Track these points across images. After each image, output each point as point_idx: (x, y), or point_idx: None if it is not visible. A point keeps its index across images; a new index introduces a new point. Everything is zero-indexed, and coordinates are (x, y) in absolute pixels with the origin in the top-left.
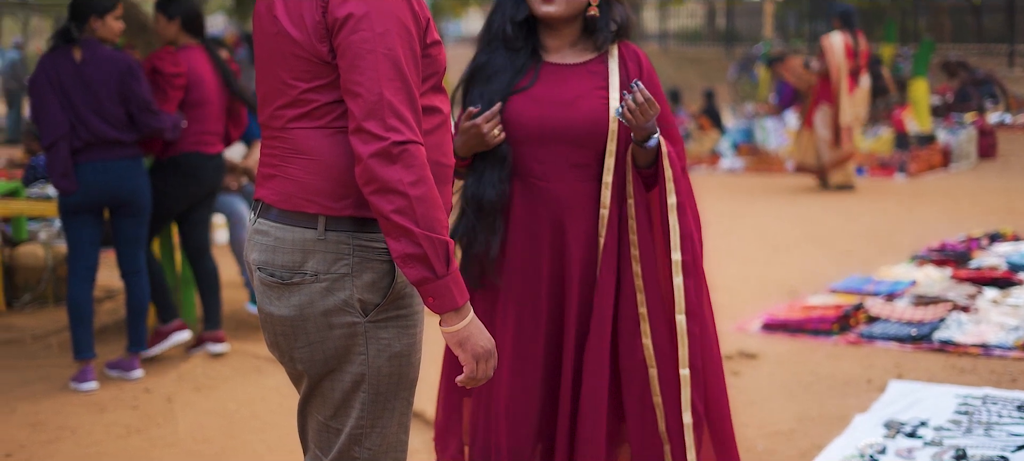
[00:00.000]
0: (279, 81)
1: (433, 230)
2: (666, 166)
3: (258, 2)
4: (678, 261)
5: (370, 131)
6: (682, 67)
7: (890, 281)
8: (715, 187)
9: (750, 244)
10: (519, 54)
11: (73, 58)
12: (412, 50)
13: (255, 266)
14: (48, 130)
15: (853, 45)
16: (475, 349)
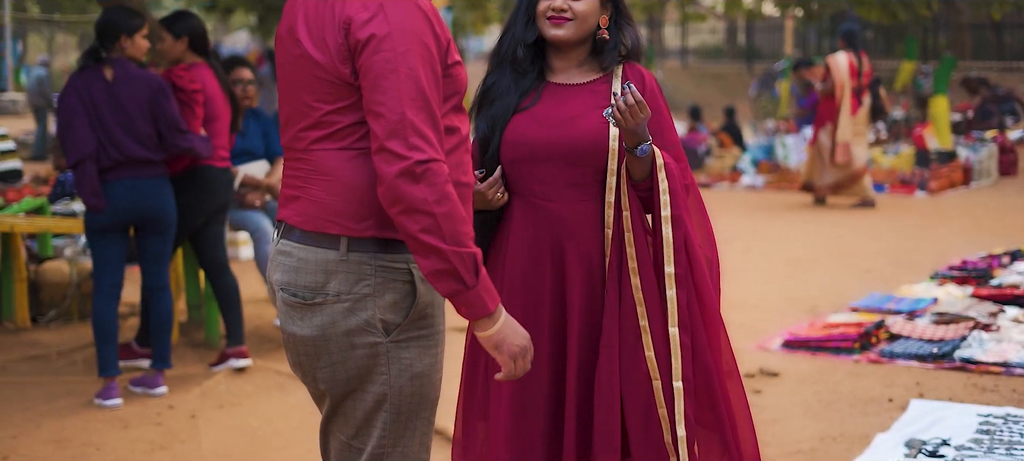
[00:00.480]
0: (302, 103)
1: (460, 244)
2: (661, 178)
3: (280, 25)
4: (671, 274)
5: (393, 151)
6: (703, 84)
7: (911, 299)
8: (736, 204)
9: (771, 261)
10: (525, 76)
11: (104, 77)
12: (433, 70)
13: (278, 286)
14: (75, 149)
15: (857, 64)
16: (511, 349)
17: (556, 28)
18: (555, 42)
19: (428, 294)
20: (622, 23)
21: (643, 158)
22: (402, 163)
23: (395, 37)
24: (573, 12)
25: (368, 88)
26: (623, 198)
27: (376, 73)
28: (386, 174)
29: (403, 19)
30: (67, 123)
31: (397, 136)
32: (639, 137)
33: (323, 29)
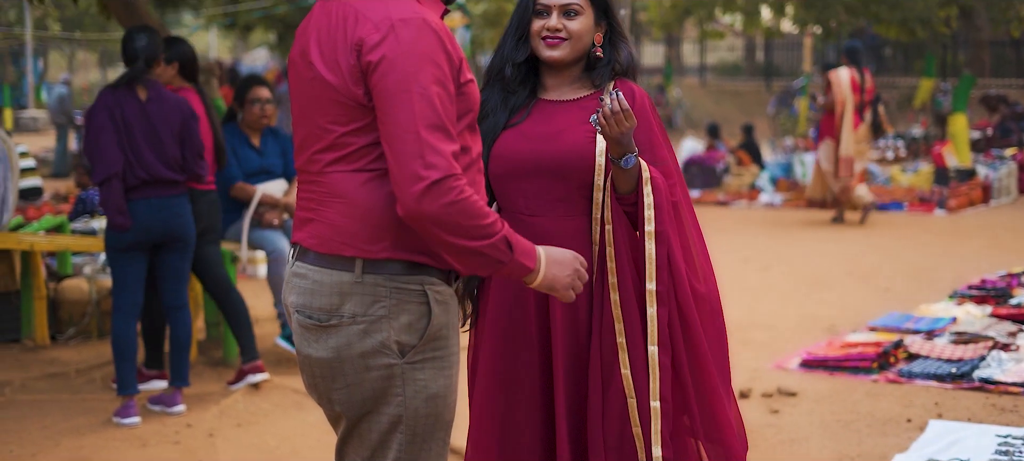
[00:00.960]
0: (316, 126)
1: (487, 237)
2: (646, 191)
3: (292, 50)
4: (652, 291)
5: (411, 172)
6: (721, 101)
7: (930, 318)
8: (754, 222)
9: (789, 280)
10: (515, 93)
11: (138, 97)
12: (446, 88)
13: (293, 309)
14: (103, 166)
15: (859, 80)
16: (563, 283)
17: (551, 49)
18: (550, 63)
19: (442, 315)
20: (616, 40)
21: (628, 170)
22: (421, 183)
23: (407, 58)
24: (568, 32)
25: (382, 110)
26: (607, 212)
27: (389, 95)
28: (406, 195)
29: (414, 39)
30: (95, 140)
31: (414, 157)
32: (624, 147)
33: (336, 51)
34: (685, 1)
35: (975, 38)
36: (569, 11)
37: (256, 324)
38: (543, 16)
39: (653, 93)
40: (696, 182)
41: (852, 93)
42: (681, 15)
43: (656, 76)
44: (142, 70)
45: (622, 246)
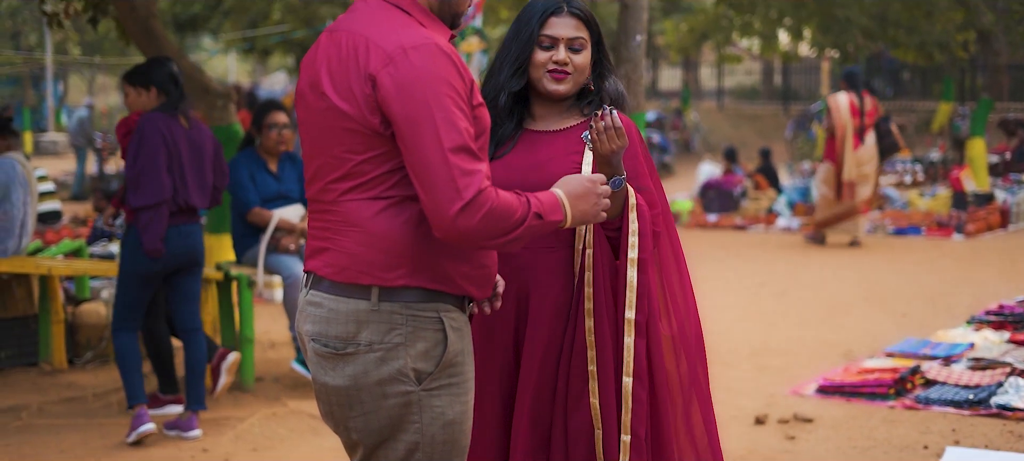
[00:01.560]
0: (331, 156)
1: (520, 224)
2: (631, 218)
3: (300, 82)
4: (631, 319)
5: (444, 196)
6: (739, 125)
7: (947, 344)
8: (771, 247)
9: (806, 305)
10: (504, 125)
11: (181, 124)
12: (463, 110)
13: (309, 337)
14: (154, 191)
15: (858, 104)
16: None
17: (557, 83)
18: (553, 97)
19: (458, 342)
20: (604, 72)
21: (615, 193)
22: (456, 205)
23: (423, 83)
24: (573, 66)
25: (404, 138)
26: (589, 235)
27: (410, 122)
28: (442, 219)
29: (428, 64)
30: (150, 163)
31: (446, 183)
32: (613, 168)
33: (349, 81)
34: (702, 25)
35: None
36: (575, 45)
37: (272, 348)
38: (549, 49)
39: (671, 117)
40: (713, 206)
41: (851, 117)
42: (698, 39)
43: (674, 100)
44: (183, 98)
45: (601, 272)
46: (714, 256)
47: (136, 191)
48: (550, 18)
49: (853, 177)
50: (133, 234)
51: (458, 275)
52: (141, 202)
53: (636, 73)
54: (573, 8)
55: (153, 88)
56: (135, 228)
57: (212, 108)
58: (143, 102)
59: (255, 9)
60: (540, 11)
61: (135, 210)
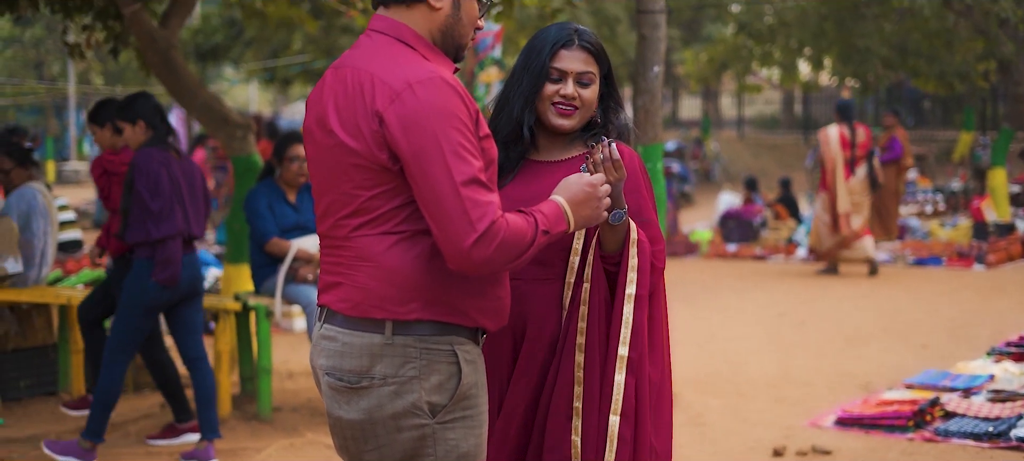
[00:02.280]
0: (341, 192)
1: (531, 245)
2: (632, 253)
3: (306, 119)
4: (624, 356)
5: (457, 230)
6: (759, 154)
7: (967, 376)
8: (791, 276)
9: (825, 336)
10: (509, 156)
11: (174, 156)
12: (469, 141)
13: (323, 371)
14: (169, 224)
15: (849, 136)
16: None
17: (563, 118)
18: (560, 131)
19: (472, 374)
20: (611, 106)
21: (616, 226)
22: (470, 237)
23: (430, 117)
24: (581, 100)
25: (413, 173)
26: (587, 269)
27: (419, 157)
28: (456, 252)
29: (433, 97)
30: (168, 197)
31: (459, 216)
32: (613, 202)
33: (356, 117)
34: (722, 55)
35: (1014, 92)
36: (583, 80)
37: (290, 378)
38: (557, 81)
39: (691, 146)
40: (733, 236)
41: (842, 149)
42: (718, 69)
43: (694, 129)
44: (171, 130)
45: (596, 307)
46: (733, 286)
47: (158, 225)
48: (560, 51)
49: (847, 208)
50: (140, 266)
51: (471, 308)
52: (161, 234)
53: (654, 104)
54: (584, 41)
55: (141, 121)
56: (142, 260)
57: (231, 138)
58: (130, 137)
59: (276, 39)
60: (551, 42)
61: (153, 243)
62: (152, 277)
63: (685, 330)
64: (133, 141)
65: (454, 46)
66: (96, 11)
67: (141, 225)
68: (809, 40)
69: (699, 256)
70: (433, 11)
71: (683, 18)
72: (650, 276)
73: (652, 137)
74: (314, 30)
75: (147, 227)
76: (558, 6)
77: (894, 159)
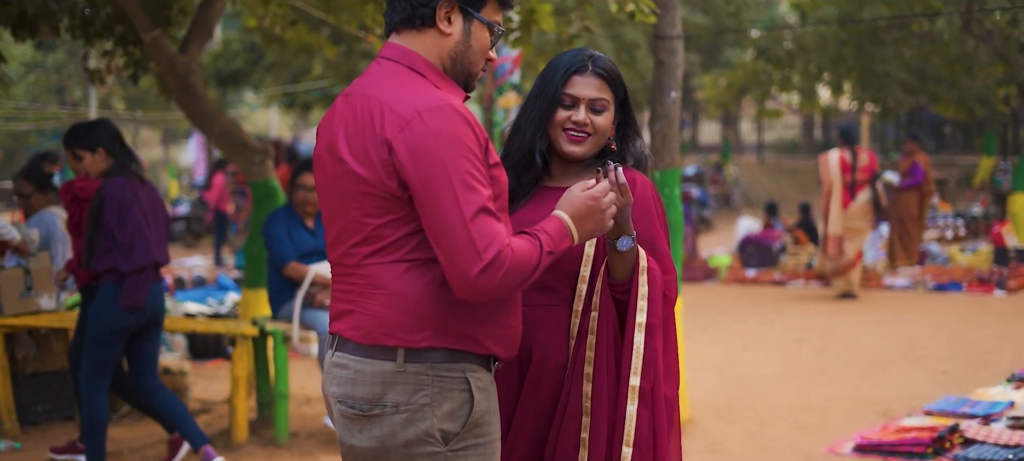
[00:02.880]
0: (350, 220)
1: (537, 268)
2: (642, 281)
3: (318, 147)
4: (635, 386)
5: (464, 259)
6: (778, 179)
7: (987, 402)
8: (810, 302)
9: (845, 362)
10: (522, 182)
11: (139, 184)
12: (478, 169)
13: (335, 399)
14: (144, 253)
15: (850, 160)
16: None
17: (574, 145)
18: (571, 158)
19: (485, 402)
20: (628, 133)
21: (623, 253)
22: (476, 266)
23: (439, 145)
24: (593, 127)
25: (421, 201)
26: (595, 297)
27: (427, 185)
28: (463, 281)
29: (443, 125)
30: (136, 227)
31: (466, 246)
32: (620, 228)
33: (365, 145)
34: (741, 80)
35: None
36: (596, 106)
37: (307, 403)
38: (570, 107)
39: (710, 171)
40: (752, 261)
41: (843, 173)
42: (737, 94)
43: (713, 154)
44: (134, 158)
45: (605, 336)
46: (752, 312)
47: (128, 256)
48: (573, 76)
49: (838, 231)
50: (107, 291)
51: (483, 335)
52: (133, 265)
53: (671, 129)
54: (598, 67)
55: (100, 149)
56: (109, 285)
57: (250, 163)
58: (90, 165)
59: (296, 64)
60: (564, 68)
61: (123, 272)
62: (118, 302)
63: (704, 356)
64: (93, 169)
65: (465, 74)
66: (116, 37)
67: (108, 254)
68: (828, 65)
69: (718, 281)
70: (443, 36)
71: (702, 43)
72: (662, 306)
73: (669, 162)
74: (333, 55)
75: (115, 257)
76: (575, 31)
77: (916, 185)
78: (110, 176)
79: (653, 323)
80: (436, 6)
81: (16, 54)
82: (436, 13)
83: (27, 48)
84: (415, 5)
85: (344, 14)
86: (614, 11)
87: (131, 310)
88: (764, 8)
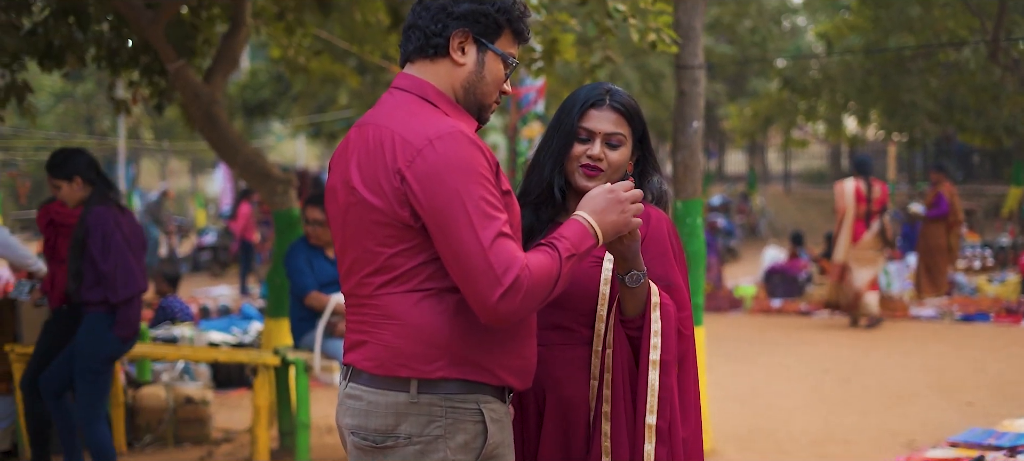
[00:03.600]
0: (363, 250)
1: (559, 278)
2: (654, 317)
3: (331, 178)
4: (652, 425)
5: (484, 285)
6: (805, 208)
7: (1013, 434)
8: (836, 331)
9: (869, 393)
10: (540, 219)
11: (120, 212)
12: (492, 194)
13: (348, 430)
14: (132, 283)
15: (865, 191)
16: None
17: (588, 179)
18: (585, 192)
19: (498, 434)
20: (647, 170)
21: (634, 289)
22: (496, 292)
23: (451, 172)
24: (608, 162)
25: (436, 229)
26: (608, 334)
27: (441, 213)
28: (485, 306)
29: (453, 152)
30: (123, 258)
31: (485, 272)
32: (629, 263)
33: (377, 175)
34: (767, 110)
35: None
36: (612, 141)
37: (329, 432)
38: (585, 142)
39: (737, 201)
40: (778, 291)
41: (858, 203)
42: (763, 123)
43: (740, 184)
44: (111, 186)
45: (620, 374)
46: (777, 342)
47: (114, 287)
48: (590, 110)
49: (847, 260)
50: (96, 320)
51: (498, 366)
52: (122, 297)
53: (693, 159)
54: (615, 101)
55: (77, 178)
56: (96, 315)
57: (273, 193)
58: (67, 194)
59: (322, 95)
60: (581, 102)
61: (115, 304)
62: (113, 332)
63: (727, 386)
64: (70, 198)
65: (477, 105)
66: (142, 67)
67: (97, 286)
68: (854, 94)
69: (743, 311)
70: (456, 67)
71: (728, 73)
72: (677, 342)
73: (692, 192)
74: (358, 85)
75: (103, 289)
76: (597, 61)
77: (941, 215)
78: (90, 205)
79: (667, 360)
80: (449, 36)
81: (46, 85)
82: (449, 43)
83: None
84: (429, 35)
85: (368, 44)
86: (635, 41)
87: (126, 339)
88: (790, 38)
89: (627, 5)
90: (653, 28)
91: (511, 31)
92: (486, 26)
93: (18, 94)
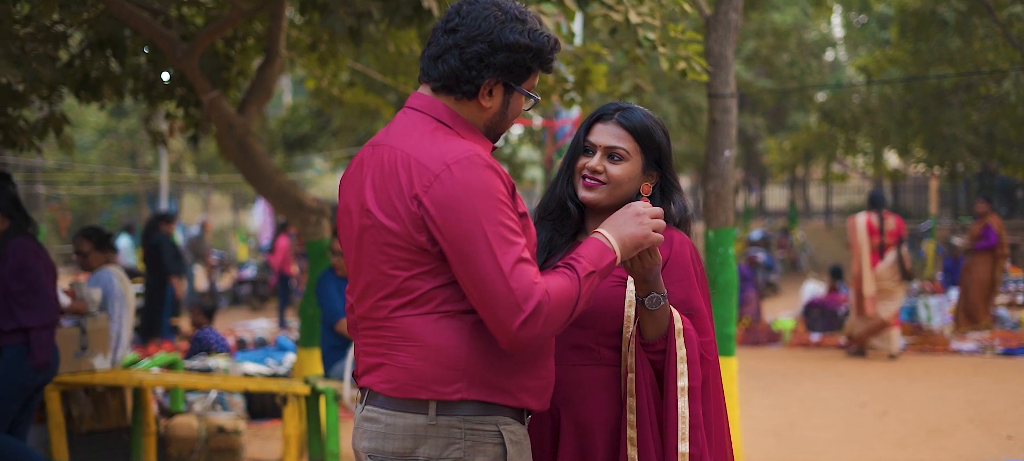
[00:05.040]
0: (379, 272)
1: (580, 299)
2: (679, 344)
3: (343, 200)
4: (685, 453)
5: (506, 311)
6: (847, 243)
7: None
8: (875, 365)
9: (907, 427)
10: (560, 235)
11: (38, 246)
12: (510, 217)
13: (365, 453)
14: (49, 311)
15: (877, 224)
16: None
17: (588, 190)
18: (586, 204)
19: (518, 456)
20: (669, 192)
21: (655, 312)
22: (517, 318)
23: (469, 198)
24: (608, 176)
25: (455, 254)
26: (629, 358)
27: (460, 238)
28: (506, 332)
29: (472, 177)
30: (40, 286)
31: (506, 297)
32: (649, 285)
33: (392, 198)
34: (806, 143)
35: None
36: (614, 155)
37: None
38: (588, 154)
39: (777, 236)
40: (817, 325)
41: (870, 236)
42: (803, 157)
43: (780, 219)
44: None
45: (644, 398)
46: (815, 375)
47: (29, 310)
48: (596, 124)
49: (872, 292)
50: (14, 352)
51: (516, 387)
52: (37, 322)
53: (725, 188)
54: (623, 118)
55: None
56: (15, 347)
57: (306, 223)
58: None
59: (361, 128)
60: (592, 117)
61: (28, 329)
62: (29, 362)
63: (763, 419)
64: None
65: (494, 134)
66: (178, 98)
67: (11, 315)
68: (894, 128)
69: (782, 345)
70: (482, 109)
71: (767, 106)
72: (701, 367)
73: (723, 221)
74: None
75: (18, 316)
76: (627, 90)
77: (989, 247)
78: (8, 237)
79: (694, 386)
80: (481, 84)
81: (90, 121)
82: (479, 90)
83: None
84: (460, 79)
85: (401, 76)
86: (665, 69)
87: (40, 368)
88: (830, 71)
89: (657, 34)
90: (683, 56)
91: (540, 70)
92: (518, 74)
93: (56, 126)
